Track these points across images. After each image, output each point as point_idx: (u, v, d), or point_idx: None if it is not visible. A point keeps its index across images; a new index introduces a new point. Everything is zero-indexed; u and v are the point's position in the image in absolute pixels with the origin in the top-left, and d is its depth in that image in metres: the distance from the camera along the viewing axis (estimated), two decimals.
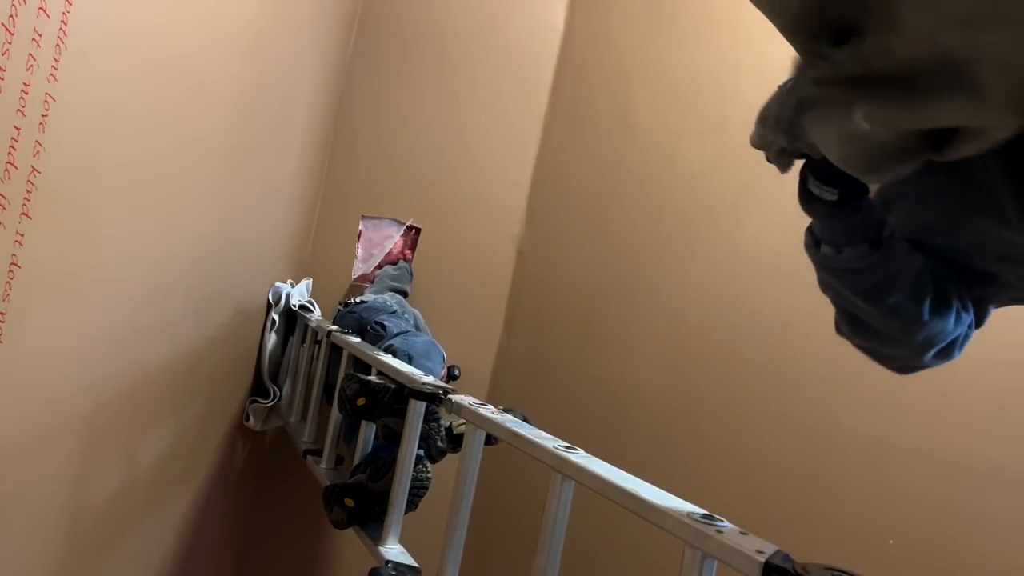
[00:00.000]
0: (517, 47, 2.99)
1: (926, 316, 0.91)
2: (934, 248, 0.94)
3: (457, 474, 1.29)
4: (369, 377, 1.62)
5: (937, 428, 2.32)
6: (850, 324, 0.97)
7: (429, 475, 1.59)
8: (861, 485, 2.40)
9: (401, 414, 1.48)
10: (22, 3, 0.88)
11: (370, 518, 1.59)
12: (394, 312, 2.42)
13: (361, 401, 1.55)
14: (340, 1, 2.73)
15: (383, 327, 2.22)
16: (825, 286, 0.97)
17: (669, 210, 2.75)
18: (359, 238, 3.01)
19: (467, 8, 3.02)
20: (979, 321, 0.98)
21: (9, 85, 0.89)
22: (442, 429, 1.57)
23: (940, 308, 0.93)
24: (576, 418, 2.74)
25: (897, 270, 0.90)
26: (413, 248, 3.02)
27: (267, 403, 2.47)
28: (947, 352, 0.96)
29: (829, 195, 0.85)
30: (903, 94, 0.58)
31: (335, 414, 1.92)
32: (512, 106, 3.01)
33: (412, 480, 1.50)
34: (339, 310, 2.52)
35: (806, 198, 0.87)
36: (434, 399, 1.43)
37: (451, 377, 2.65)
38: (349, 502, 1.59)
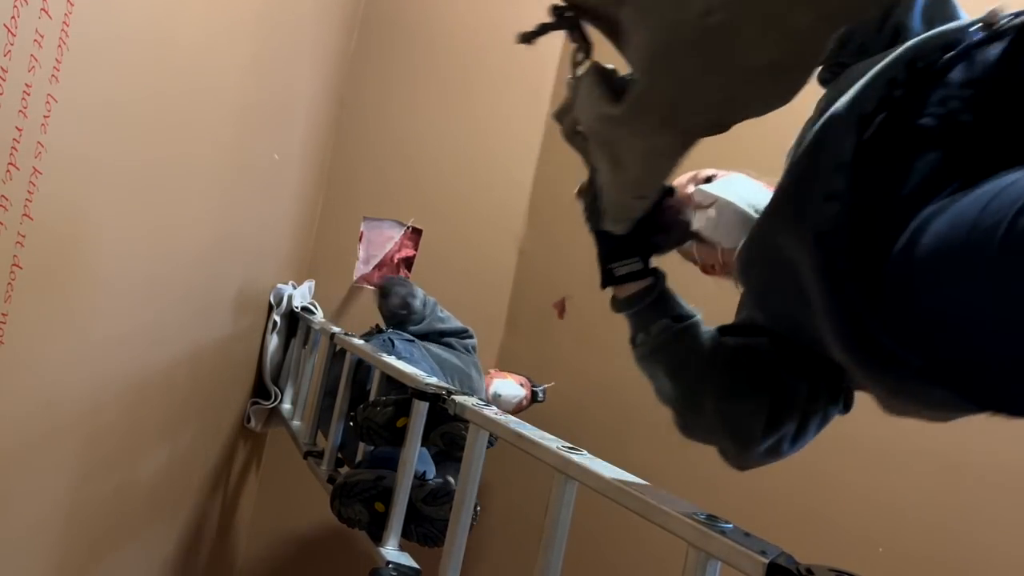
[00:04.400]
0: (519, 46, 2.99)
1: (701, 421, 1.02)
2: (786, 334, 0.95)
3: (458, 475, 1.28)
4: (393, 397, 1.55)
5: (938, 429, 2.31)
6: (682, 423, 1.07)
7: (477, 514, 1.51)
8: (864, 486, 2.39)
9: (450, 418, 1.45)
10: (24, 4, 0.88)
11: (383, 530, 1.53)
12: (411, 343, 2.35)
13: (403, 422, 1.49)
14: (342, 1, 2.73)
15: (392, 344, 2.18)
16: (656, 388, 1.09)
17: None
18: (361, 239, 3.01)
19: (469, 7, 3.02)
20: (847, 405, 1.00)
21: (11, 86, 0.89)
22: (463, 427, 1.52)
23: (739, 394, 0.97)
24: (578, 419, 2.73)
25: (696, 348, 1.01)
26: (415, 249, 3.02)
27: (268, 405, 2.47)
28: (754, 440, 0.98)
29: (631, 266, 1.06)
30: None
31: (336, 415, 1.91)
32: (514, 106, 3.01)
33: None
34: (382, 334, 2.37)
35: (610, 281, 1.07)
36: (437, 400, 1.43)
37: (534, 399, 2.67)
38: (380, 507, 1.52)
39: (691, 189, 1.19)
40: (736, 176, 1.18)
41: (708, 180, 1.20)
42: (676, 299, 1.10)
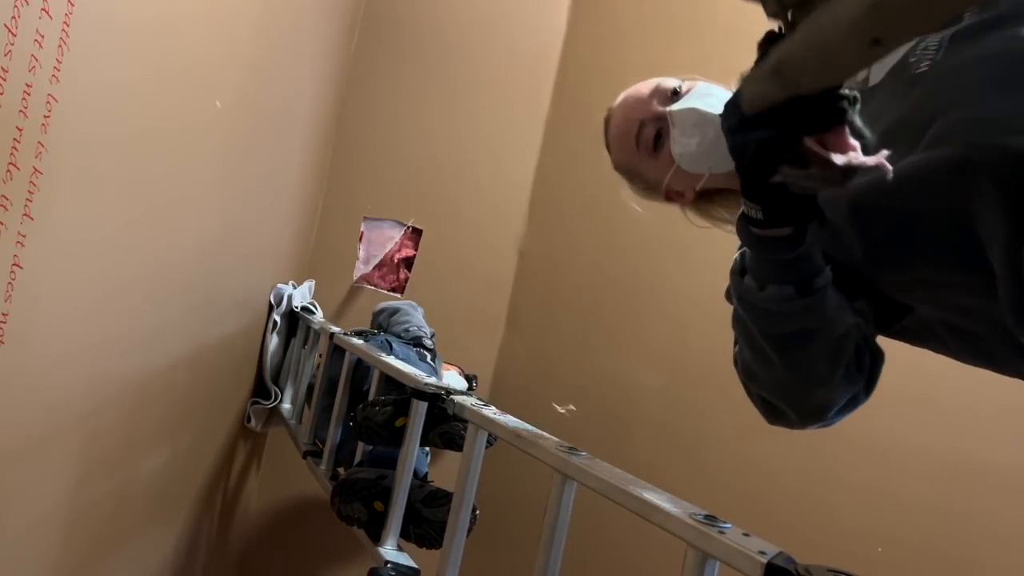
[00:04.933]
0: (520, 47, 2.99)
1: (834, 382, 0.83)
2: (854, 267, 0.84)
3: (458, 475, 1.28)
4: (392, 397, 1.55)
5: (939, 430, 2.31)
6: (747, 367, 0.90)
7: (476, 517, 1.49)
8: (863, 487, 2.40)
9: (448, 418, 1.45)
10: (24, 4, 0.88)
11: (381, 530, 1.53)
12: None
13: (402, 421, 1.48)
14: (343, 1, 2.73)
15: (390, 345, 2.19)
16: (736, 321, 0.88)
17: (672, 210, 2.74)
18: (361, 239, 3.01)
19: (470, 8, 3.02)
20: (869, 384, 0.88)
21: (11, 86, 0.89)
22: (462, 427, 1.52)
23: (851, 376, 0.85)
24: (578, 419, 2.73)
25: (820, 327, 0.80)
26: (415, 249, 3.02)
27: (268, 404, 2.47)
28: (824, 416, 0.88)
29: (754, 212, 0.74)
30: None
31: (335, 416, 1.92)
32: (515, 106, 3.01)
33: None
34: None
35: (743, 218, 0.77)
36: (436, 400, 1.43)
37: (468, 387, 2.63)
38: (379, 506, 1.52)
39: (658, 107, 1.05)
40: (708, 87, 1.02)
41: (675, 93, 1.05)
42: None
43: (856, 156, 0.66)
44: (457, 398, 1.37)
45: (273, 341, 2.47)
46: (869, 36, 0.56)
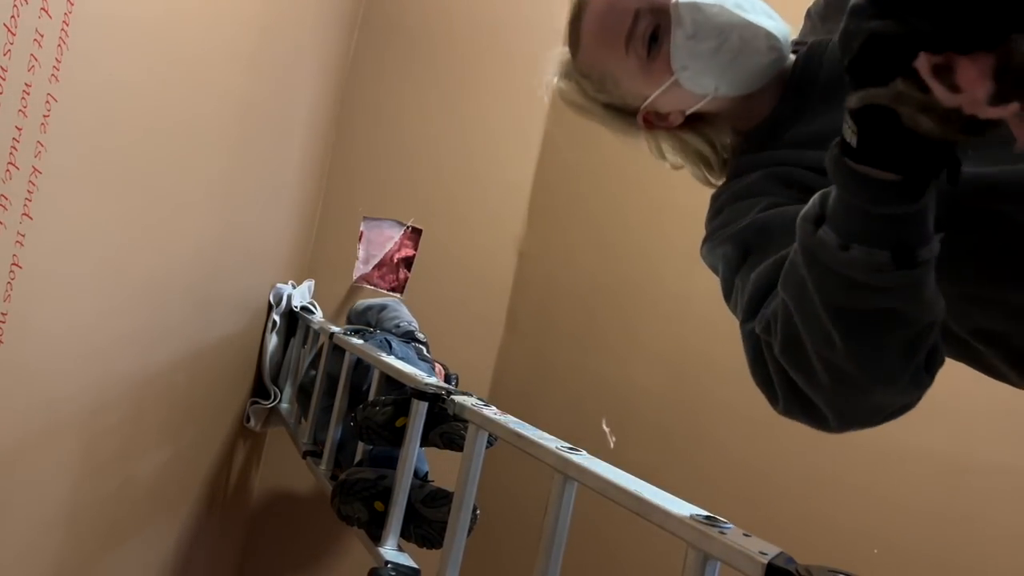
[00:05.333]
0: (519, 48, 2.99)
1: (902, 382, 0.64)
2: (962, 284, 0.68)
3: (458, 475, 1.28)
4: (392, 397, 1.54)
5: (940, 430, 2.31)
6: (789, 338, 0.65)
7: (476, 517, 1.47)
8: (864, 488, 2.39)
9: (449, 418, 1.45)
10: (24, 3, 0.88)
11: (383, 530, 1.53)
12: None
13: (402, 422, 1.47)
14: (342, 1, 2.73)
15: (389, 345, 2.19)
16: (791, 283, 0.64)
17: (671, 211, 2.74)
18: (360, 239, 3.01)
19: (469, 9, 3.02)
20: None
21: (11, 85, 0.89)
22: (462, 427, 1.51)
23: (919, 378, 0.66)
24: (578, 420, 2.73)
25: (911, 311, 0.60)
26: (415, 249, 3.02)
27: (268, 404, 2.47)
28: (870, 423, 0.70)
29: (849, 135, 0.54)
30: None
31: (335, 416, 1.91)
32: (514, 107, 3.01)
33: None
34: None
35: (838, 145, 0.56)
36: (437, 400, 1.42)
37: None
38: (379, 506, 1.51)
39: None
40: None
41: None
42: None
43: (996, 106, 0.45)
44: (458, 398, 1.37)
45: (272, 341, 2.47)
46: None
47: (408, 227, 3.02)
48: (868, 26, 0.49)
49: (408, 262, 3.03)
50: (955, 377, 0.96)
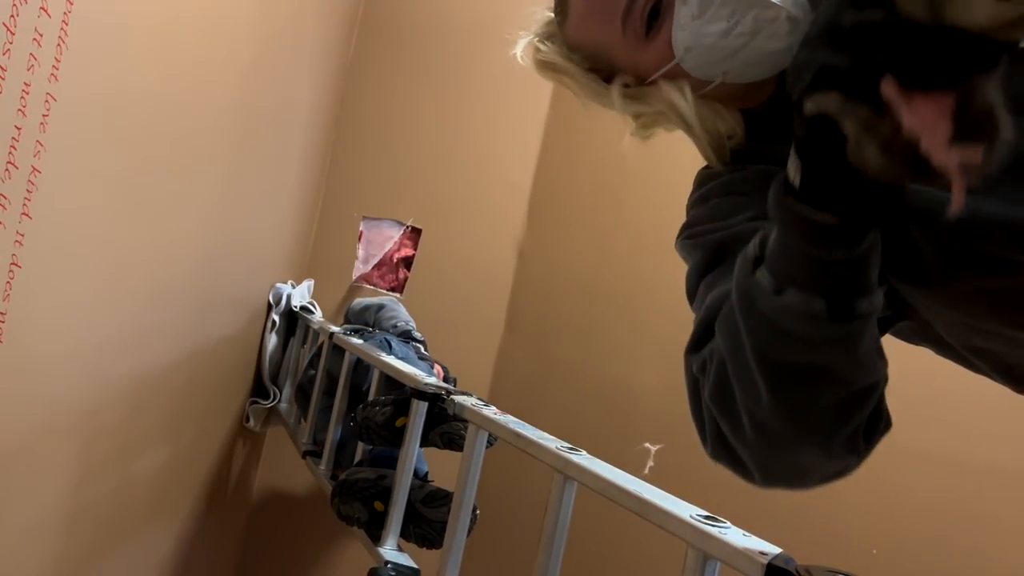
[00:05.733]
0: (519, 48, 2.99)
1: (833, 445, 0.58)
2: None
3: (458, 475, 1.28)
4: (392, 397, 1.54)
5: (940, 430, 2.31)
6: (720, 394, 0.61)
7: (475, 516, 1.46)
8: (863, 487, 2.39)
9: (449, 418, 1.45)
10: (23, 3, 0.88)
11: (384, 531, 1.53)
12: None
13: (402, 421, 1.47)
14: (342, 2, 2.73)
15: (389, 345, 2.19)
16: (725, 325, 0.60)
17: (672, 212, 2.73)
18: (360, 239, 3.01)
19: (469, 9, 3.02)
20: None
21: (10, 85, 0.88)
22: (462, 427, 1.51)
23: (855, 444, 0.60)
24: (577, 420, 2.73)
25: (844, 369, 0.55)
26: (414, 248, 3.02)
27: (267, 404, 2.46)
28: (797, 485, 0.65)
29: (793, 172, 0.50)
30: None
31: (334, 416, 1.91)
32: (514, 107, 3.01)
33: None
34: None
35: (781, 181, 0.52)
36: (436, 399, 1.42)
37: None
38: (379, 506, 1.51)
39: None
40: None
41: None
42: None
43: (964, 151, 0.41)
44: (457, 398, 1.37)
45: (272, 341, 2.47)
46: None
47: (407, 227, 3.02)
48: (820, 57, 0.46)
49: (408, 262, 3.03)
50: (955, 377, 0.96)
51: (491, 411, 1.26)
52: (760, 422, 0.58)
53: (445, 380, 2.56)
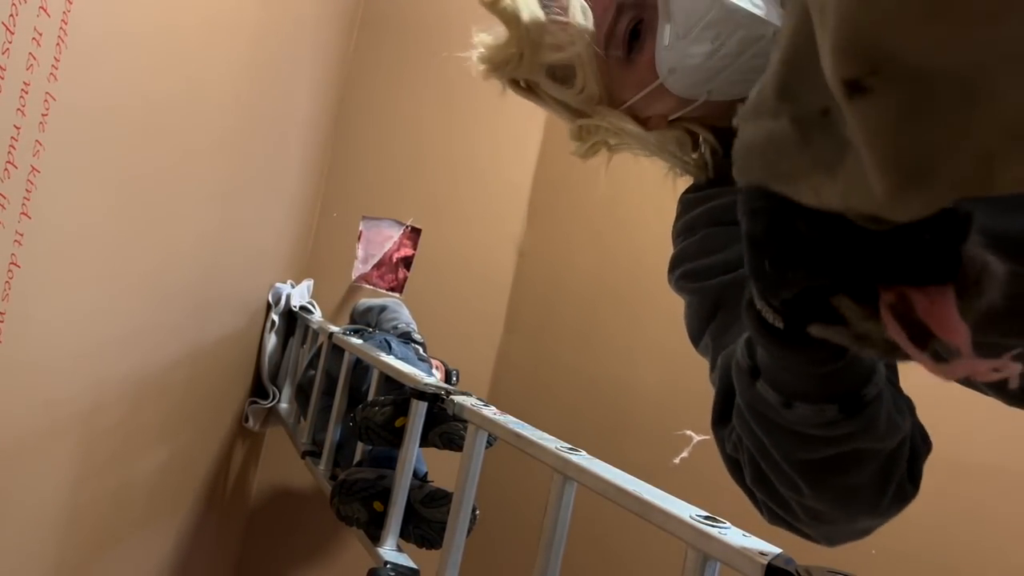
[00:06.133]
0: None
1: (883, 506, 0.59)
2: None
3: (457, 475, 1.28)
4: (392, 397, 1.54)
5: (940, 430, 2.31)
6: (762, 484, 0.61)
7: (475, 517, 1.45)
8: None
9: (448, 418, 1.45)
10: (23, 2, 0.88)
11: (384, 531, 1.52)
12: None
13: (401, 422, 1.47)
14: (341, 1, 2.73)
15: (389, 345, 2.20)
16: (745, 430, 0.59)
17: (672, 212, 2.74)
18: (359, 239, 3.01)
19: (468, 8, 3.01)
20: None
21: (9, 84, 0.88)
22: (462, 427, 1.51)
23: (904, 492, 0.60)
24: (577, 420, 2.73)
25: (870, 447, 0.55)
26: (414, 248, 3.02)
27: (266, 404, 2.46)
28: (864, 536, 0.66)
29: (771, 318, 0.44)
30: None
31: (334, 416, 1.91)
32: (514, 106, 3.00)
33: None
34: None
35: (747, 307, 0.48)
36: (436, 400, 1.42)
37: (448, 382, 2.63)
38: (379, 506, 1.51)
39: None
40: None
41: None
42: None
43: (960, 348, 0.36)
44: (457, 398, 1.37)
45: (271, 341, 2.46)
46: None
47: (407, 227, 3.02)
48: (794, 277, 0.40)
49: (407, 261, 3.03)
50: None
51: (491, 411, 1.26)
52: (808, 507, 0.59)
53: (447, 376, 2.56)
